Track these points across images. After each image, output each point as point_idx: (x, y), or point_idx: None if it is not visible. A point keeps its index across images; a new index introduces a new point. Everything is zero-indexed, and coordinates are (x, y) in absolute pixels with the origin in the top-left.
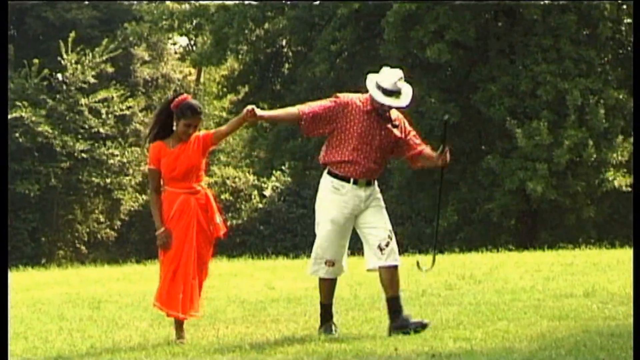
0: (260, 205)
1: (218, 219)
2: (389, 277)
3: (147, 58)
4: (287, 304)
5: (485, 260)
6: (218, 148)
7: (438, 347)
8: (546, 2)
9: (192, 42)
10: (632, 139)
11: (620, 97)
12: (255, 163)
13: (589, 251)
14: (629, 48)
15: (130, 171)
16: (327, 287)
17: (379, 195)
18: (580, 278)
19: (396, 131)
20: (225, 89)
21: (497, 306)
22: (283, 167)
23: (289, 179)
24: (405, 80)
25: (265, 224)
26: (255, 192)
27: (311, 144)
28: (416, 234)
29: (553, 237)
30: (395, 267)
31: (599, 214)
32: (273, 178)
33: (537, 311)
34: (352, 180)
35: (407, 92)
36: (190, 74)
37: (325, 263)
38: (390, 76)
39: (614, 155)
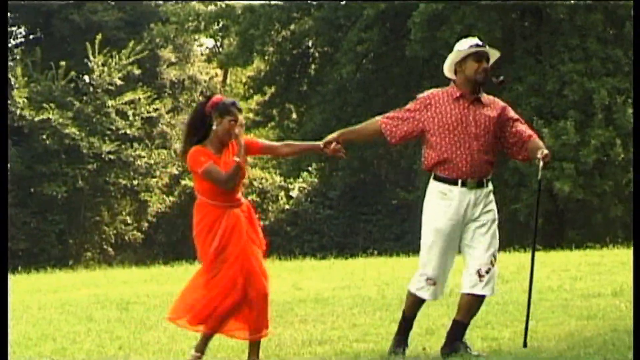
0: (287, 207)
1: (260, 233)
2: (472, 303)
3: (173, 60)
4: (314, 305)
5: (513, 260)
6: None
7: None
8: (572, 2)
9: (219, 44)
10: None
11: None
12: (282, 164)
13: (617, 250)
14: None
15: (157, 173)
16: (416, 302)
17: (492, 206)
18: (608, 277)
19: (492, 114)
20: (251, 90)
21: (524, 306)
22: (310, 168)
23: (316, 179)
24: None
25: (292, 225)
26: (282, 193)
27: None
28: None
29: (580, 237)
30: (485, 296)
31: (627, 213)
32: (300, 179)
33: (565, 310)
34: (460, 181)
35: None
36: (216, 75)
37: (427, 281)
38: (469, 40)
39: None
